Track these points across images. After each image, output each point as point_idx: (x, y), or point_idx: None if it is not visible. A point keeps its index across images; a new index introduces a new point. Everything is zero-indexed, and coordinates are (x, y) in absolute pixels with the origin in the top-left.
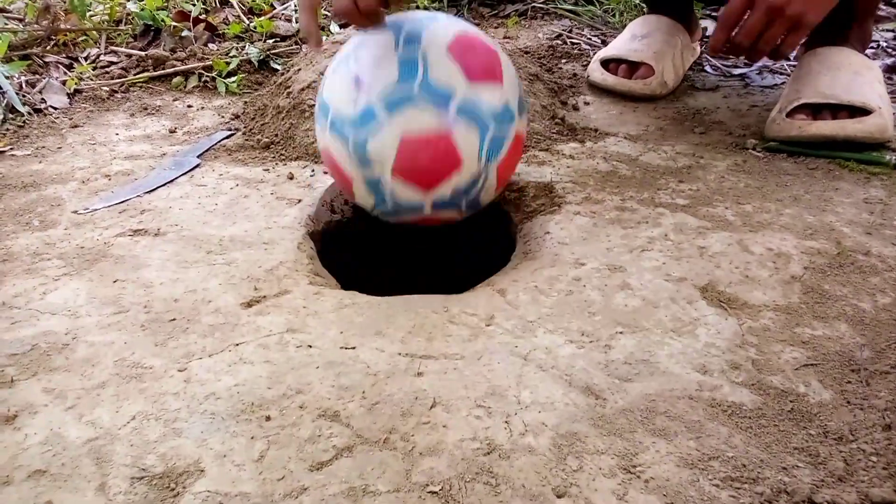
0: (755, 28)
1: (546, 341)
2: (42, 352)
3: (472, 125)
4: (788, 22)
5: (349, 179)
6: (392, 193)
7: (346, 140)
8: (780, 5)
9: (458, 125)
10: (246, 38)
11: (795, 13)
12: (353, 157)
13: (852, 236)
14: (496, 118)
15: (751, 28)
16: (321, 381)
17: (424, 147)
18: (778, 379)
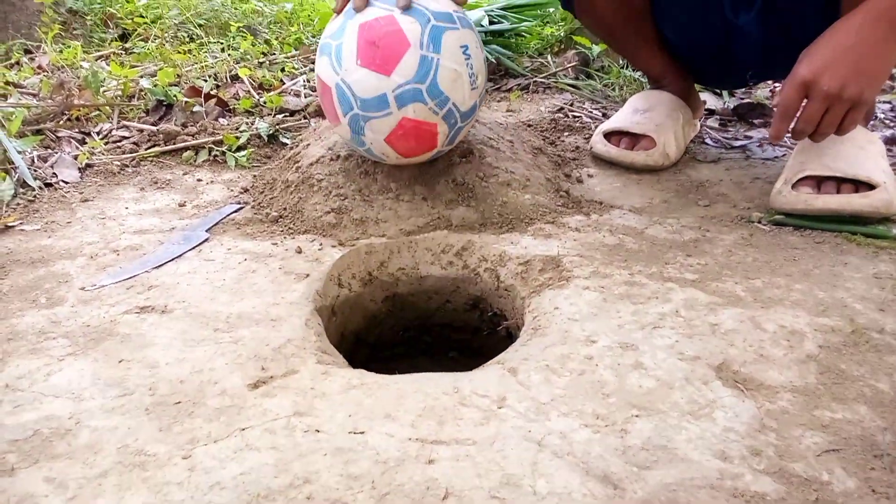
0: (814, 116)
1: (560, 425)
2: (44, 437)
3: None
4: (847, 104)
5: (337, 119)
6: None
7: (349, 109)
8: (837, 92)
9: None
10: (256, 113)
11: (853, 95)
12: (333, 62)
13: (865, 313)
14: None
15: (810, 116)
16: (329, 470)
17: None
18: (800, 466)
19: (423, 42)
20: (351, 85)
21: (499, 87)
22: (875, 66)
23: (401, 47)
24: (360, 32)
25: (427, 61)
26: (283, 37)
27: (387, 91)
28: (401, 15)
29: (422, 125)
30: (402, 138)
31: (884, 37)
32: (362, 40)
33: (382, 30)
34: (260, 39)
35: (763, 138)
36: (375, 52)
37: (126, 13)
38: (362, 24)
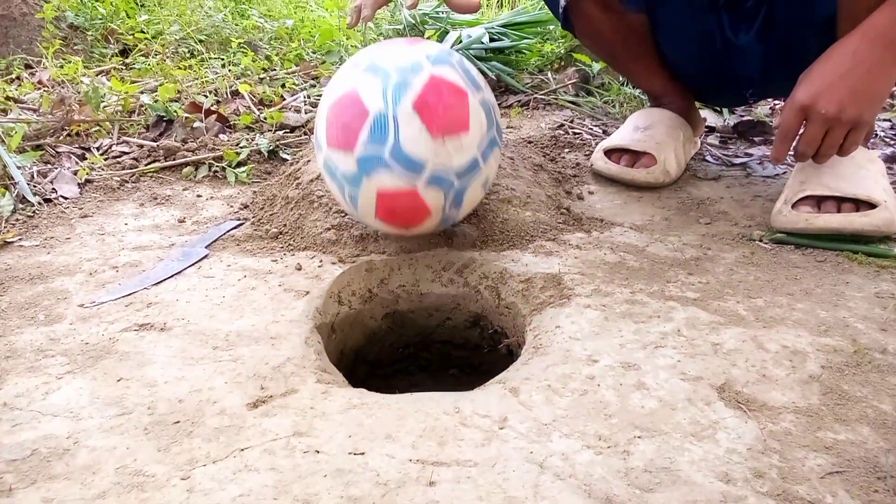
0: (815, 139)
1: (562, 446)
2: (42, 457)
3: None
4: (847, 126)
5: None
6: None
7: (342, 188)
8: (836, 114)
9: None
10: (256, 129)
11: (852, 117)
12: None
13: (867, 333)
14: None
15: (810, 139)
16: (329, 492)
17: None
18: (804, 489)
19: (446, 208)
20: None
21: (499, 103)
22: (873, 88)
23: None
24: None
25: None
26: (283, 53)
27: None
28: (424, 188)
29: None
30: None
31: (881, 59)
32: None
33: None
34: (260, 55)
35: (764, 156)
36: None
37: (127, 29)
38: (379, 191)
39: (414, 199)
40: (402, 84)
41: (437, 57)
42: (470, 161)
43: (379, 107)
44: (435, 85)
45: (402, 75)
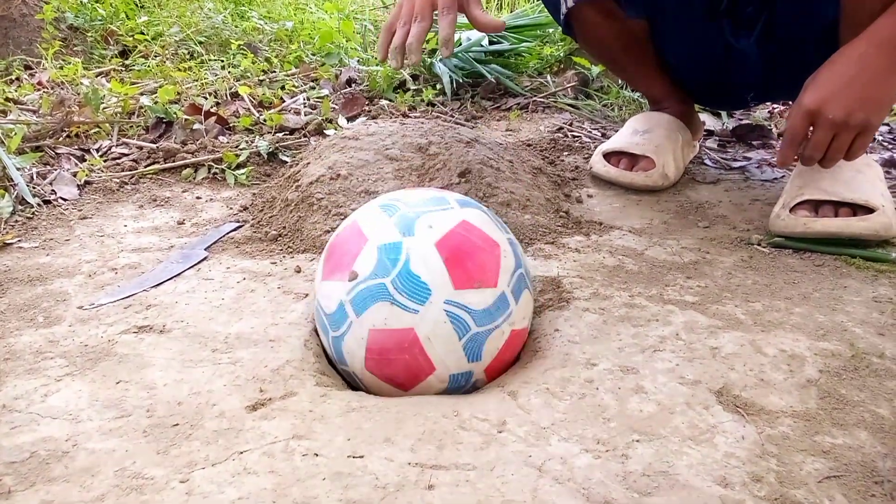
0: (822, 143)
1: (561, 450)
2: (41, 460)
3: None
4: (854, 131)
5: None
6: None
7: (327, 334)
8: (843, 120)
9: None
10: (255, 131)
11: (859, 122)
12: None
13: (865, 337)
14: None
15: (818, 143)
16: (328, 495)
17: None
18: (801, 493)
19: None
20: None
21: (498, 105)
22: (879, 94)
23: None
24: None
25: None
26: (283, 55)
27: None
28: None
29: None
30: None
31: (887, 65)
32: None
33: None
34: (260, 57)
35: (762, 159)
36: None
37: (127, 30)
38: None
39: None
40: (422, 216)
41: (463, 200)
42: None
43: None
44: (465, 229)
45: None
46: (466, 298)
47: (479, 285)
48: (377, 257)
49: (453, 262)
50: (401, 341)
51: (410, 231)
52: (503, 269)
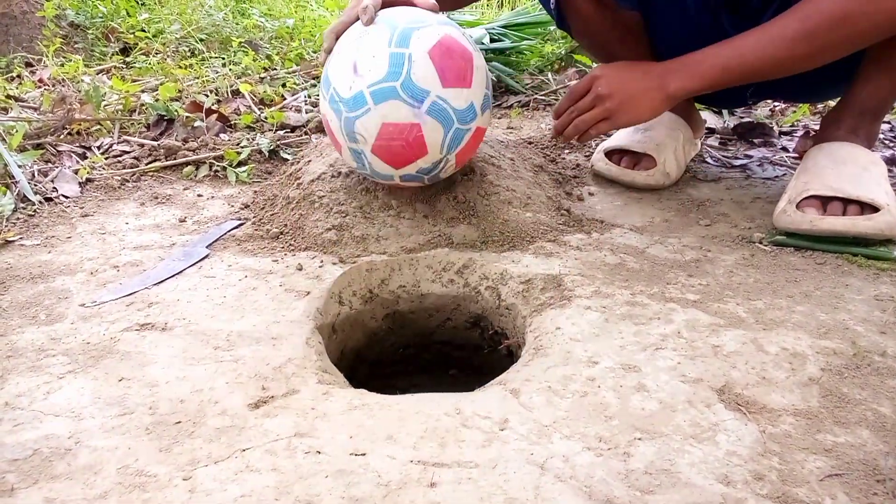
0: (582, 107)
1: (563, 448)
2: (44, 457)
3: (439, 122)
4: (604, 112)
5: (339, 144)
6: (370, 165)
7: (340, 115)
8: (603, 97)
9: (427, 121)
10: (257, 129)
11: (609, 108)
12: (343, 131)
13: (867, 336)
14: (460, 116)
15: (582, 104)
16: (330, 492)
17: (399, 135)
18: (803, 491)
19: (442, 148)
20: (364, 157)
21: (499, 104)
22: (638, 104)
23: (417, 154)
24: (382, 131)
25: (440, 160)
26: (284, 52)
27: (394, 175)
28: (424, 117)
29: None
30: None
31: (656, 93)
32: (381, 139)
33: (404, 136)
34: (261, 55)
35: (764, 157)
36: (390, 149)
37: (127, 27)
38: (385, 125)
39: (415, 131)
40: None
41: (442, 19)
42: (468, 106)
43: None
44: (447, 41)
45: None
46: (452, 101)
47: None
48: (388, 62)
49: (441, 67)
50: (404, 130)
51: (407, 43)
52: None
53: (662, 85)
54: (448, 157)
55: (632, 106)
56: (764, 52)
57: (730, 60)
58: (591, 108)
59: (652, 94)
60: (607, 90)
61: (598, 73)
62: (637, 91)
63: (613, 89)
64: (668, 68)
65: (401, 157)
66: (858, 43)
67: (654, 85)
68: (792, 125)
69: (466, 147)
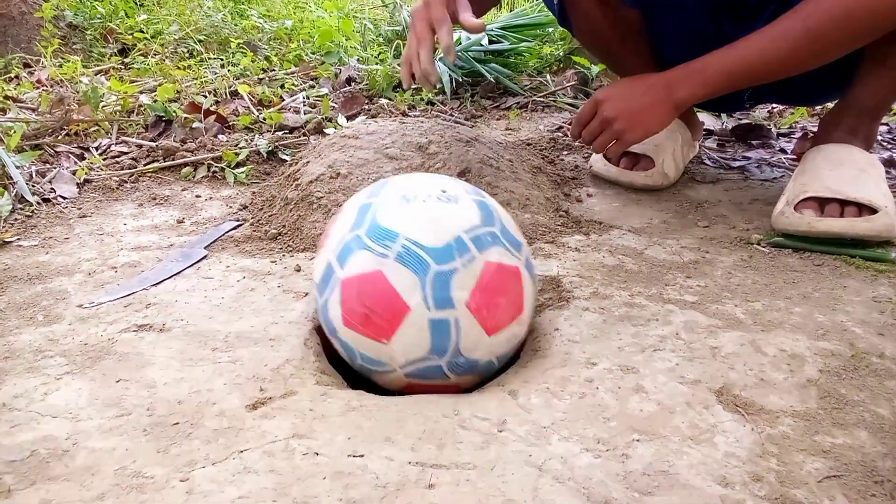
0: (593, 131)
1: (561, 449)
2: (41, 458)
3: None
4: (613, 135)
5: None
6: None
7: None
8: (609, 120)
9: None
10: (255, 130)
11: (617, 130)
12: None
13: (865, 337)
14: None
15: (591, 130)
16: (328, 494)
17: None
18: (802, 493)
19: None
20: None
21: (497, 104)
22: (646, 119)
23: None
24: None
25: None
26: (282, 53)
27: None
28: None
29: None
30: None
31: (663, 103)
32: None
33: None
34: (260, 56)
35: (762, 159)
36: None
37: (126, 28)
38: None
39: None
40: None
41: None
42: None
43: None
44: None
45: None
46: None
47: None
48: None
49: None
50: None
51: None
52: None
53: (669, 95)
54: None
55: (640, 123)
56: (767, 54)
57: (734, 65)
58: (599, 133)
59: (659, 107)
60: (613, 113)
61: (601, 97)
62: (643, 107)
63: (619, 111)
64: (673, 77)
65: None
66: (860, 40)
67: (660, 97)
68: (790, 127)
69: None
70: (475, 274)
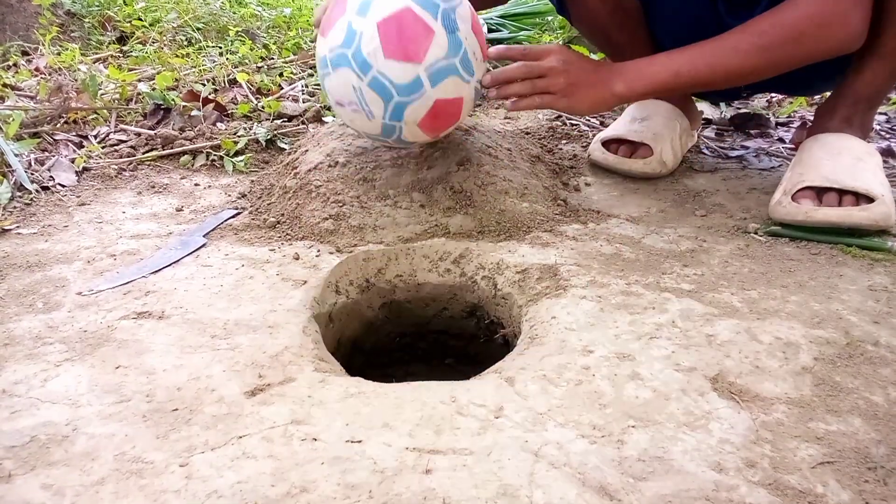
0: (530, 70)
1: (557, 436)
2: (41, 444)
3: (378, 95)
4: (552, 86)
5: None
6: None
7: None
8: (555, 71)
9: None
10: (254, 118)
11: (556, 84)
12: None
13: (860, 325)
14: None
15: (532, 68)
16: (327, 479)
17: (348, 102)
18: (795, 478)
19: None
20: (386, 74)
21: None
22: (580, 96)
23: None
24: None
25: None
26: (281, 41)
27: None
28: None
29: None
30: (435, 118)
31: (602, 86)
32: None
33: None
34: (258, 44)
35: (760, 148)
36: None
37: (124, 16)
38: (379, 21)
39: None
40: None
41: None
42: (413, 80)
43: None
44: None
45: None
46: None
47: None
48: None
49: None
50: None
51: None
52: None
53: (609, 83)
54: (397, 125)
55: (578, 93)
56: (717, 62)
57: (681, 67)
58: (540, 76)
59: (598, 89)
60: (563, 67)
61: (556, 49)
62: (586, 82)
63: (569, 69)
64: (620, 69)
65: (355, 123)
66: (807, 61)
67: (602, 82)
68: (788, 116)
69: (428, 116)
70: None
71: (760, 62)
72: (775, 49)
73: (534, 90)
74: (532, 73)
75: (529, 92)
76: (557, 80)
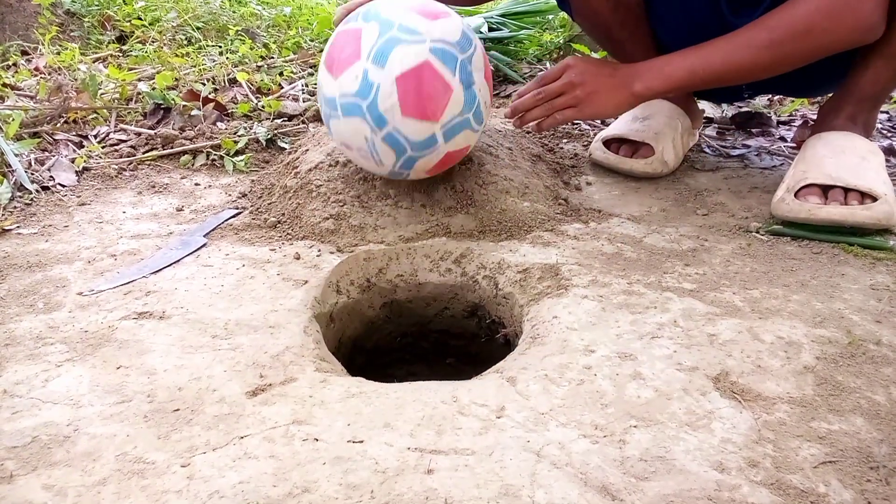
0: (551, 91)
1: (559, 435)
2: (42, 444)
3: (391, 148)
4: (573, 100)
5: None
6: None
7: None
8: (574, 84)
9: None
10: (254, 118)
11: (579, 95)
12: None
13: (862, 325)
14: (415, 146)
15: (550, 89)
16: (328, 479)
17: (357, 150)
18: (797, 478)
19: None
20: (402, 131)
21: (497, 93)
22: (603, 100)
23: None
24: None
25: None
26: (281, 41)
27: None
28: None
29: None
30: (442, 165)
31: (620, 91)
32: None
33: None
34: (258, 43)
35: (761, 147)
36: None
37: (124, 15)
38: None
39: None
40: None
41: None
42: (428, 137)
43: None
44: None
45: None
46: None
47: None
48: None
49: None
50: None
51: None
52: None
53: (628, 84)
54: (405, 172)
55: (598, 99)
56: (730, 59)
57: (696, 64)
58: (559, 94)
59: (618, 93)
60: (580, 79)
61: (571, 63)
62: (605, 87)
63: (586, 79)
64: (636, 69)
65: (360, 164)
66: (819, 54)
67: (622, 84)
68: (790, 115)
69: (436, 165)
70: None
71: (775, 57)
72: (788, 43)
73: (553, 110)
74: (549, 95)
75: (553, 110)
76: (575, 93)
